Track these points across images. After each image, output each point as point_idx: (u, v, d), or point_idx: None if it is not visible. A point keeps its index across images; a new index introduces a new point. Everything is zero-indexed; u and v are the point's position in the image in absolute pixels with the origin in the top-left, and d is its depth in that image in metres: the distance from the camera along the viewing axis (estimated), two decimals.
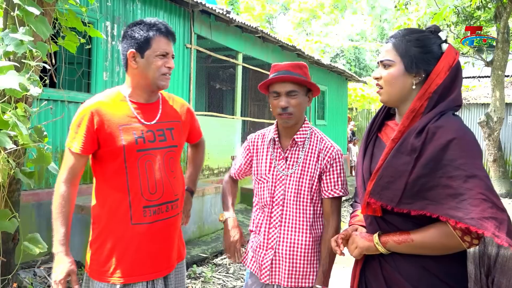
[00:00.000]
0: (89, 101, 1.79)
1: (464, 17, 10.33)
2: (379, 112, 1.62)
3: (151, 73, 1.77)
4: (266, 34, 8.25)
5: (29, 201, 4.21)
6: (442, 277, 1.38)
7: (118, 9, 5.44)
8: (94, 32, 2.96)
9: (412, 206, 1.33)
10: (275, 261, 1.87)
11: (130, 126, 1.76)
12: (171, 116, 1.90)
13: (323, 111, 12.26)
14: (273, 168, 1.91)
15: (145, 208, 1.75)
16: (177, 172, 1.89)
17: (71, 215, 1.77)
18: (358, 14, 29.55)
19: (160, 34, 1.77)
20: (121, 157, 1.73)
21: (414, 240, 1.36)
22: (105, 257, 1.76)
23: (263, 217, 1.94)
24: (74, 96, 4.82)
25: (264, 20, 28.05)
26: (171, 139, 1.85)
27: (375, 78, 1.51)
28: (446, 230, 1.31)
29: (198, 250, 4.93)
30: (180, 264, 1.95)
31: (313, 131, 1.95)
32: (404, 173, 1.34)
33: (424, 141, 1.33)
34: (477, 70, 12.67)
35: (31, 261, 4.04)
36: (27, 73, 2.21)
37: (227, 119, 7.97)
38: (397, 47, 1.46)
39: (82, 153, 1.73)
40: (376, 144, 1.56)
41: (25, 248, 2.31)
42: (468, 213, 1.23)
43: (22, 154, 2.64)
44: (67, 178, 1.75)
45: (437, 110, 1.38)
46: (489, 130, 10.18)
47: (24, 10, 2.27)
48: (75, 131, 1.74)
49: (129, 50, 1.76)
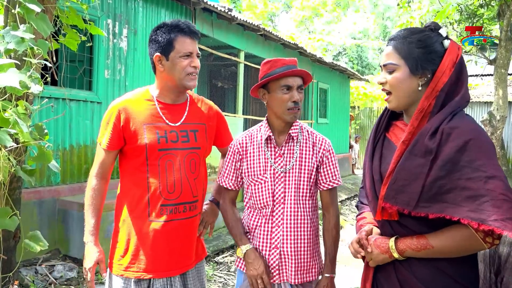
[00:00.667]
0: (118, 99, 1.88)
1: (467, 15, 10.27)
2: (384, 112, 1.59)
3: (177, 74, 1.79)
4: (268, 32, 8.24)
5: (30, 199, 4.22)
6: (456, 278, 1.36)
7: (120, 6, 5.43)
8: (95, 30, 2.96)
9: (430, 209, 1.30)
10: (282, 259, 1.86)
11: (154, 125, 1.81)
12: (197, 118, 1.92)
13: (325, 110, 12.24)
14: (269, 167, 1.88)
15: (162, 207, 1.79)
16: (199, 174, 1.90)
17: (102, 207, 1.87)
18: (361, 12, 29.47)
19: (182, 34, 1.79)
20: (143, 155, 1.79)
21: (434, 246, 1.33)
22: (122, 251, 1.82)
23: (260, 218, 1.90)
24: (75, 94, 4.82)
25: (266, 18, 28.01)
26: (194, 141, 1.87)
27: (380, 83, 1.49)
28: (468, 233, 1.28)
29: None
30: (200, 264, 1.97)
31: (302, 126, 1.96)
32: (420, 175, 1.32)
33: (440, 143, 1.31)
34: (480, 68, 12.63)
35: (32, 258, 4.05)
36: (28, 71, 2.20)
37: (229, 117, 7.97)
38: (399, 50, 1.43)
39: (109, 149, 1.82)
40: (384, 144, 1.53)
41: (26, 246, 2.31)
42: (490, 214, 1.21)
43: (23, 152, 2.64)
44: (98, 172, 1.86)
45: (448, 110, 1.36)
46: (491, 129, 10.14)
47: (25, 8, 2.26)
48: (104, 128, 1.84)
49: (154, 54, 1.80)
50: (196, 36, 1.83)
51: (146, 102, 1.85)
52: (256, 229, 1.91)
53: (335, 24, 28.07)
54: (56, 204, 4.43)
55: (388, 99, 1.48)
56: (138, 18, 5.73)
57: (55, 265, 4.06)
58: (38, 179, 4.40)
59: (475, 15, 10.29)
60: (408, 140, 1.39)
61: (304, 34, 26.21)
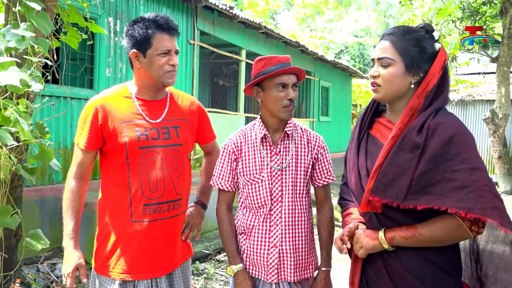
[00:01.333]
0: (95, 97, 1.80)
1: (470, 13, 10.23)
2: (367, 109, 1.64)
3: (155, 72, 1.73)
4: (270, 30, 8.22)
5: (32, 197, 4.22)
6: (443, 267, 1.43)
7: (121, 4, 5.43)
8: (96, 28, 2.95)
9: (418, 201, 1.36)
10: (281, 258, 1.85)
11: (133, 123, 1.75)
12: (178, 114, 1.86)
13: (327, 108, 12.22)
14: (266, 166, 1.86)
15: (145, 206, 1.74)
16: (182, 171, 1.85)
17: (81, 209, 1.81)
18: (363, 10, 29.39)
19: (160, 30, 1.70)
20: (124, 153, 1.73)
21: (423, 234, 1.39)
22: (107, 252, 1.77)
23: (257, 218, 1.88)
24: (77, 92, 4.82)
25: (268, 16, 27.96)
26: (175, 137, 1.81)
27: (373, 76, 1.50)
28: (455, 222, 1.36)
29: (201, 246, 4.92)
30: (186, 263, 1.94)
31: (295, 123, 1.97)
32: (408, 169, 1.37)
33: (426, 138, 1.37)
34: (483, 66, 12.58)
35: (34, 257, 4.06)
36: (29, 69, 2.20)
37: (231, 116, 7.96)
38: (397, 46, 1.46)
39: (87, 149, 1.75)
40: (369, 141, 1.58)
41: (27, 244, 2.31)
42: (476, 203, 1.28)
43: (24, 150, 2.64)
44: (76, 173, 1.79)
45: (433, 108, 1.43)
46: (494, 127, 10.11)
47: (25, 6, 2.26)
48: (81, 127, 1.77)
49: (131, 51, 1.73)
50: (175, 32, 1.75)
51: (124, 99, 1.78)
52: (254, 229, 1.88)
53: (337, 22, 28.00)
54: (57, 202, 4.43)
55: (376, 89, 1.50)
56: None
57: (57, 263, 4.06)
58: (40, 177, 4.40)
59: (477, 12, 10.25)
60: (397, 135, 1.43)
61: (306, 32, 26.16)
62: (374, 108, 1.62)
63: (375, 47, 1.54)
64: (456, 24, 10.72)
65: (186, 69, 6.62)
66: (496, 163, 10.46)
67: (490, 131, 10.27)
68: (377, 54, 1.49)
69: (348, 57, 23.49)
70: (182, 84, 6.52)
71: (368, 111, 1.63)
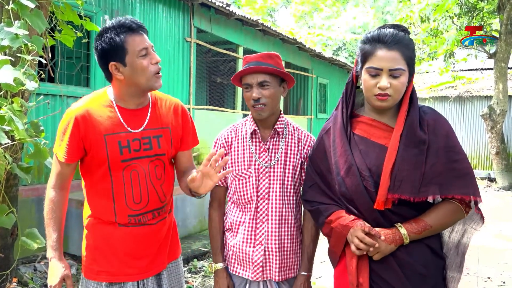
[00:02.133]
0: (75, 105, 1.70)
1: (467, 9, 10.23)
2: (343, 109, 1.62)
3: (142, 78, 1.64)
4: (267, 27, 8.21)
5: (29, 196, 4.21)
6: (437, 251, 1.56)
7: (117, 2, 5.40)
8: (90, 26, 2.94)
9: (428, 192, 1.47)
10: (267, 256, 1.84)
11: (115, 135, 1.67)
12: (159, 122, 1.77)
13: (325, 105, 12.22)
14: (254, 162, 1.85)
15: (130, 217, 1.71)
16: (165, 179, 1.79)
17: (64, 218, 1.75)
18: (361, 6, 29.35)
19: (130, 33, 1.61)
20: (106, 166, 1.67)
21: (433, 226, 1.50)
22: (94, 255, 1.74)
23: (244, 214, 1.88)
24: (73, 91, 4.80)
25: (266, 14, 27.92)
26: (157, 148, 1.73)
27: (386, 88, 1.46)
28: (455, 207, 1.51)
29: (199, 244, 4.92)
30: (175, 263, 1.90)
31: (287, 121, 1.94)
32: (418, 163, 1.47)
33: (428, 133, 1.50)
34: (480, 62, 12.58)
35: (31, 256, 4.05)
36: (23, 68, 2.19)
37: (228, 113, 7.96)
38: (405, 56, 1.48)
39: (67, 161, 1.68)
40: (358, 141, 1.57)
41: (23, 243, 2.31)
42: (474, 188, 1.49)
43: (19, 149, 2.63)
44: (56, 183, 1.72)
45: (416, 104, 1.55)
46: (492, 123, 10.12)
47: (19, 4, 2.24)
48: (60, 138, 1.68)
49: (109, 64, 1.63)
50: (144, 30, 1.66)
51: (105, 109, 1.69)
52: (241, 225, 1.88)
53: (335, 19, 27.97)
54: None
55: (386, 99, 1.48)
56: (135, 14, 5.70)
57: None
58: (36, 176, 4.39)
59: (475, 8, 10.25)
60: (400, 133, 1.50)
61: (303, 29, 26.12)
62: (351, 107, 1.62)
63: (373, 55, 1.48)
64: (453, 20, 10.72)
65: (183, 67, 6.61)
66: (494, 159, 10.48)
67: (488, 127, 10.28)
68: (388, 65, 1.45)
69: (346, 54, 23.48)
70: (179, 82, 6.50)
71: (345, 111, 1.62)
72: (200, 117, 7.07)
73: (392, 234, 1.49)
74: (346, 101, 1.63)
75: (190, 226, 5.31)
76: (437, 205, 1.54)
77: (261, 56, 1.82)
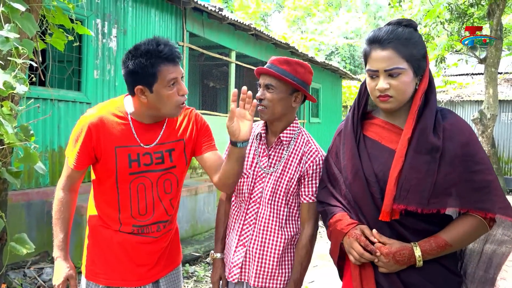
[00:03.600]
0: (91, 112, 1.69)
1: (458, 14, 10.33)
2: (355, 110, 1.57)
3: (165, 107, 1.60)
4: (259, 32, 8.22)
5: (19, 201, 4.16)
6: (451, 268, 1.43)
7: (109, 6, 5.39)
8: (82, 29, 2.92)
9: (441, 204, 1.34)
10: (247, 259, 1.84)
11: (126, 148, 1.66)
12: (173, 135, 1.74)
13: (317, 109, 12.25)
14: (255, 164, 1.86)
15: (133, 227, 1.72)
16: (176, 194, 1.78)
17: (71, 220, 1.78)
18: (353, 11, 29.56)
19: (165, 62, 1.56)
20: (113, 177, 1.68)
21: (453, 245, 1.38)
22: (94, 257, 1.76)
23: (238, 214, 1.90)
24: (64, 95, 4.77)
25: (259, 18, 28.00)
26: (169, 161, 1.72)
27: (384, 89, 1.39)
28: (478, 222, 1.37)
29: (191, 249, 4.90)
30: (176, 271, 1.90)
31: (301, 132, 1.89)
32: (429, 172, 1.34)
33: (443, 139, 1.36)
34: (471, 67, 12.70)
35: (20, 261, 4.00)
36: (13, 71, 2.16)
37: (221, 117, 7.94)
38: (402, 53, 1.38)
39: (77, 168, 1.69)
40: (368, 144, 1.50)
41: (11, 249, 2.27)
42: (494, 203, 1.33)
43: (9, 153, 2.60)
44: (66, 184, 1.75)
45: (434, 106, 1.42)
46: (482, 127, 10.21)
47: (9, 7, 2.22)
48: (73, 144, 1.67)
49: (135, 86, 1.59)
50: (180, 59, 1.62)
51: (119, 120, 1.67)
52: (235, 222, 1.91)
53: (328, 23, 28.13)
54: (44, 206, 4.37)
55: (388, 100, 1.41)
56: (127, 18, 5.69)
57: (44, 267, 4.01)
58: (26, 181, 4.35)
59: (465, 14, 10.35)
60: (409, 138, 1.39)
61: (296, 34, 26.22)
62: (362, 109, 1.56)
63: (369, 57, 1.42)
64: (444, 26, 10.81)
65: None
66: None
67: (479, 131, 10.36)
68: (383, 66, 1.38)
69: (338, 59, 23.59)
70: None
71: (357, 113, 1.56)
72: None
73: (403, 255, 1.36)
74: (358, 102, 1.57)
75: (182, 230, 5.28)
76: (457, 219, 1.40)
77: (278, 60, 1.80)
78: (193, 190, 5.51)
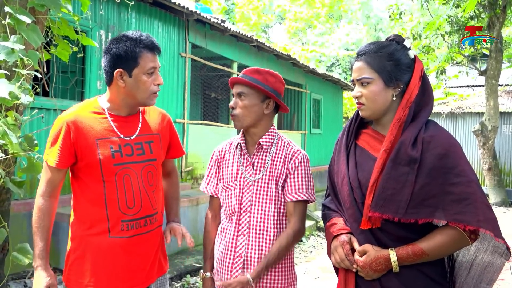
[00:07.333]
0: (66, 112, 1.74)
1: (458, 27, 10.41)
2: (352, 120, 1.65)
3: (141, 93, 1.71)
4: (261, 43, 8.28)
5: (20, 211, 4.17)
6: (434, 277, 1.45)
7: (112, 18, 5.44)
8: (86, 41, 2.96)
9: (419, 215, 1.38)
10: (245, 269, 1.83)
11: (107, 139, 1.71)
12: (150, 129, 1.84)
13: (318, 120, 12.28)
14: (240, 175, 1.89)
15: (122, 222, 1.71)
16: (157, 186, 1.83)
17: (51, 228, 1.75)
18: (353, 24, 29.76)
19: (147, 50, 1.69)
20: (98, 170, 1.69)
21: (430, 254, 1.40)
22: (82, 268, 1.72)
23: (230, 225, 1.90)
24: (67, 105, 4.78)
25: (260, 30, 28.21)
26: (149, 153, 1.79)
27: (356, 97, 1.54)
28: (457, 234, 1.38)
29: (192, 260, 4.88)
30: (162, 277, 1.90)
31: (280, 137, 1.95)
32: (406, 183, 1.39)
33: (422, 151, 1.40)
34: (471, 79, 12.76)
35: (21, 271, 3.99)
36: (18, 82, 2.19)
37: (222, 128, 7.97)
38: (372, 64, 1.50)
39: (59, 166, 1.69)
40: (357, 152, 1.58)
41: (14, 259, 2.28)
42: (474, 216, 1.33)
43: (13, 163, 2.61)
44: (46, 191, 1.73)
45: (422, 120, 1.46)
46: (483, 139, 10.22)
47: (15, 19, 2.26)
48: (51, 144, 1.70)
49: (116, 69, 1.69)
50: (159, 51, 1.75)
51: (96, 115, 1.73)
52: (226, 235, 1.90)
53: (328, 35, 28.31)
54: None
55: (361, 107, 1.54)
56: (131, 29, 5.73)
57: None
58: (29, 190, 4.35)
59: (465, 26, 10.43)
60: (390, 148, 1.45)
61: (297, 45, 26.39)
62: (360, 118, 1.64)
63: (352, 68, 1.57)
64: (444, 38, 10.89)
65: (178, 82, 6.63)
66: (486, 174, 10.55)
67: (480, 143, 10.37)
68: (355, 76, 1.53)
69: (339, 70, 23.71)
70: (173, 96, 6.52)
71: (353, 122, 1.64)
72: (195, 132, 7.07)
73: (379, 264, 1.42)
74: (357, 112, 1.64)
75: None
76: (437, 230, 1.43)
77: (250, 70, 1.89)
78: (194, 200, 5.49)
